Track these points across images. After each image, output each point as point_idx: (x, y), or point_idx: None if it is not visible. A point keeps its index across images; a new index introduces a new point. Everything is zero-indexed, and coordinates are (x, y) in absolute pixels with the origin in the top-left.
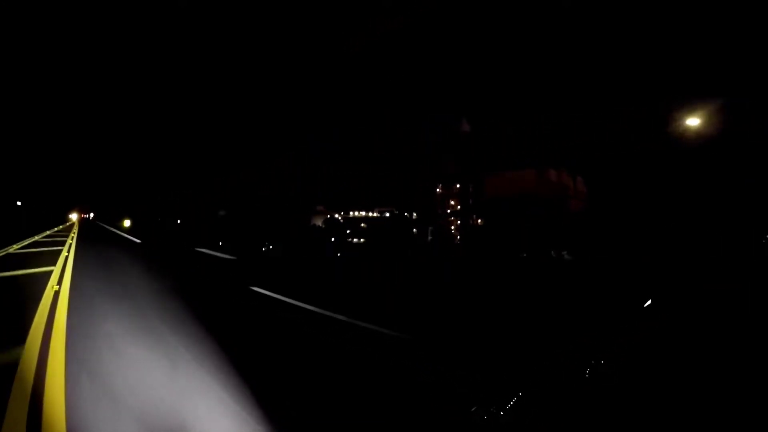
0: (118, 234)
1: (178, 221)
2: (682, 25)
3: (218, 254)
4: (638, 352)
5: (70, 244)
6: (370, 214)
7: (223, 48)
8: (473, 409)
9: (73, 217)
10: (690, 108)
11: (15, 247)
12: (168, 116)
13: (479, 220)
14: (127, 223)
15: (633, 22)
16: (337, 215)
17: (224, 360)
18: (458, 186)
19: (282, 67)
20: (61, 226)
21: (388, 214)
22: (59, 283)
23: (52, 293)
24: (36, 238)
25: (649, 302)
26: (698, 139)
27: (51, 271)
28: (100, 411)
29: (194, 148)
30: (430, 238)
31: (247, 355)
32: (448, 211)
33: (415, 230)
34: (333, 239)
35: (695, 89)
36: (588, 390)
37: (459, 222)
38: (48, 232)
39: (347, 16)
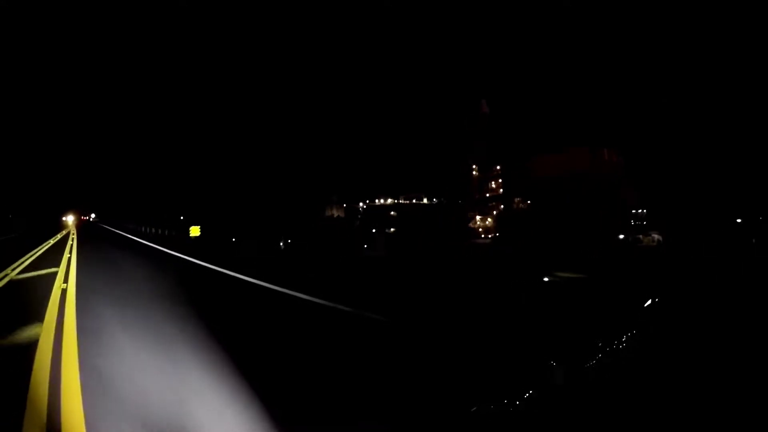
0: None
1: (181, 217)
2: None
3: None
4: (639, 352)
5: None
6: (401, 201)
7: (226, 41)
8: (473, 409)
9: (69, 220)
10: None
11: None
12: (169, 107)
13: (521, 204)
14: (196, 230)
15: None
16: (362, 204)
17: None
18: (498, 168)
19: (294, 54)
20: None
21: (415, 200)
22: None
23: None
24: None
25: (649, 302)
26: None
27: None
28: None
29: (200, 139)
30: (477, 224)
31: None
32: (487, 195)
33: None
34: (374, 230)
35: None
36: (589, 390)
37: (502, 207)
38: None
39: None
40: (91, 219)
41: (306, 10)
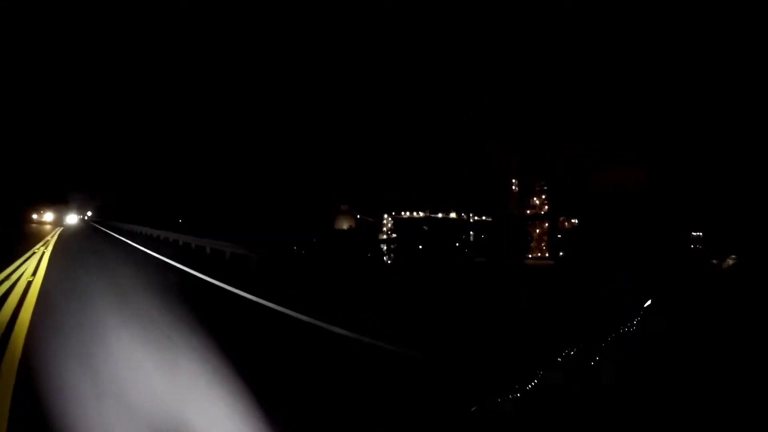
0: None
1: (180, 221)
2: None
3: None
4: (638, 352)
5: None
6: (429, 215)
7: (234, 42)
8: (473, 408)
9: (47, 218)
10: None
11: None
12: (168, 108)
13: (566, 223)
14: None
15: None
16: (386, 216)
17: None
18: (543, 182)
19: (300, 58)
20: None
21: (441, 215)
22: None
23: None
24: None
25: (649, 302)
26: None
27: None
28: None
29: (200, 141)
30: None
31: None
32: (528, 212)
33: (471, 234)
34: (420, 246)
35: None
36: (588, 391)
37: (547, 225)
38: None
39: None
40: (85, 217)
41: (307, 14)
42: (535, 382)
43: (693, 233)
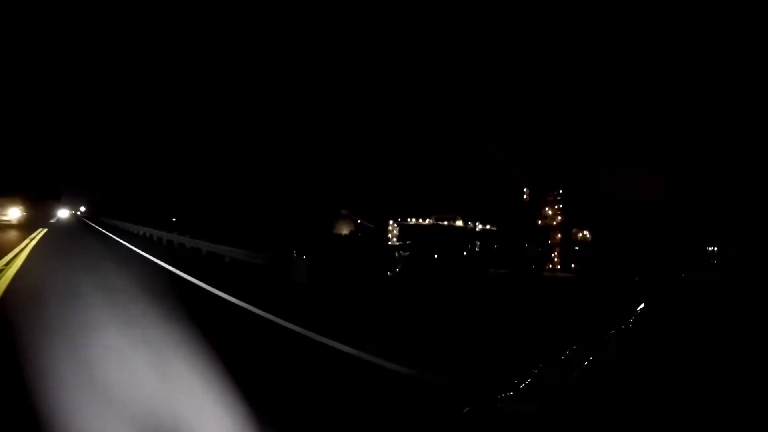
0: None
1: (174, 219)
2: None
3: None
4: (633, 355)
5: None
6: (437, 222)
7: (232, 42)
8: (466, 410)
9: (13, 215)
10: None
11: None
12: (166, 108)
13: (579, 234)
14: None
15: None
16: (392, 222)
17: None
18: (555, 193)
19: (301, 59)
20: None
21: (447, 222)
22: None
23: None
24: None
25: (642, 305)
26: None
27: None
28: None
29: (196, 140)
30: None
31: None
32: (539, 222)
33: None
34: (435, 255)
35: None
36: (584, 393)
37: (560, 236)
38: None
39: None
40: (79, 213)
41: (306, 14)
42: (529, 383)
43: (708, 248)
